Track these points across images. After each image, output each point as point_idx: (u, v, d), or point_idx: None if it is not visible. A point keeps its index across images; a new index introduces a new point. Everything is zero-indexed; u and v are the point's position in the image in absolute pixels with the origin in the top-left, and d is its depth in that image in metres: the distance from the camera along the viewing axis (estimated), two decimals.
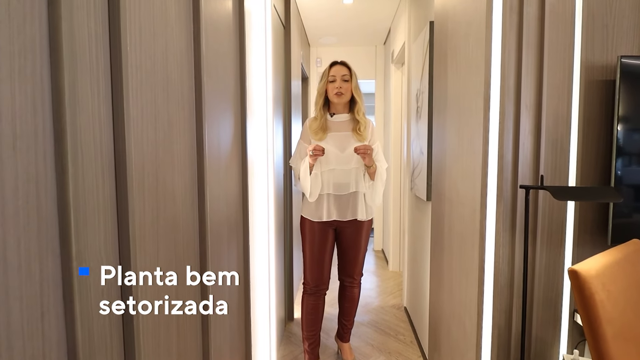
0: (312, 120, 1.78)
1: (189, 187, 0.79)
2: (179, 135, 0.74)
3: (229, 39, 1.08)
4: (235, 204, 1.14)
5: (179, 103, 0.74)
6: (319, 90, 1.77)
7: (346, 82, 1.72)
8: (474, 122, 1.11)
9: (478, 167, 1.07)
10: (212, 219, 0.91)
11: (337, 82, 1.71)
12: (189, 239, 0.79)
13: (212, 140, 0.91)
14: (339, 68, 1.74)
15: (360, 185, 1.74)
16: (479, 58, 1.07)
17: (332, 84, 1.73)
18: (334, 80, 1.72)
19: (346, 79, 1.72)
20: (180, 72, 0.75)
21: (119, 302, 0.54)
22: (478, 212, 1.06)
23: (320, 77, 1.80)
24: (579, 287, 0.93)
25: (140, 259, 0.58)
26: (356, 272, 1.87)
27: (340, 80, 1.71)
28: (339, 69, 1.73)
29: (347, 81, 1.73)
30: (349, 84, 1.73)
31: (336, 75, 1.72)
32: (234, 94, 1.14)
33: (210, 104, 0.90)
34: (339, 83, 1.71)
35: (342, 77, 1.72)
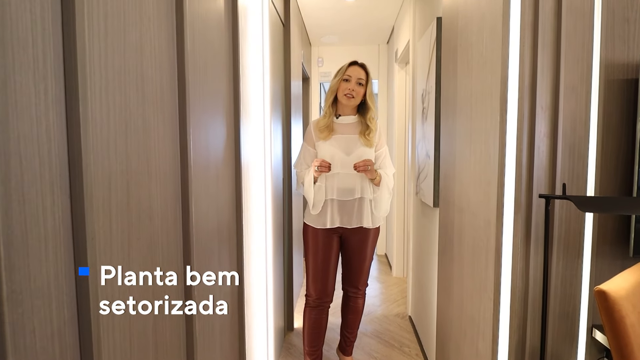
0: (319, 119, 1.70)
1: (170, 201, 0.70)
2: (158, 142, 0.65)
3: (220, 36, 0.99)
4: (227, 213, 1.05)
5: (157, 106, 0.65)
6: (332, 87, 1.66)
7: (360, 86, 1.62)
8: (488, 125, 1.02)
9: (493, 175, 0.98)
10: (198, 233, 0.82)
11: (351, 83, 1.61)
12: (170, 259, 0.70)
13: (200, 145, 0.83)
14: (356, 70, 1.63)
15: (366, 191, 1.64)
16: (494, 55, 0.97)
17: (345, 84, 1.62)
18: (348, 80, 1.62)
19: (361, 83, 1.63)
20: (160, 71, 0.66)
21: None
22: (493, 225, 0.97)
23: (335, 73, 1.68)
24: (608, 310, 0.84)
25: (103, 292, 0.49)
26: (361, 282, 1.77)
27: (355, 83, 1.61)
28: (357, 71, 1.63)
29: (361, 85, 1.63)
30: (363, 88, 1.63)
31: (352, 76, 1.62)
32: (227, 94, 1.05)
33: (197, 105, 0.82)
34: (353, 85, 1.61)
35: (357, 80, 1.62)
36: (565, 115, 1.14)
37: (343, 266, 1.80)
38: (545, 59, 1.13)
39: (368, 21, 2.98)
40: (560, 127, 1.13)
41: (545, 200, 0.97)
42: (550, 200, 0.97)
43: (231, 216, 1.09)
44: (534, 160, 1.11)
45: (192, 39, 0.78)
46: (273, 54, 1.72)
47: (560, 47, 1.12)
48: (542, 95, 1.13)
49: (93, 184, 0.47)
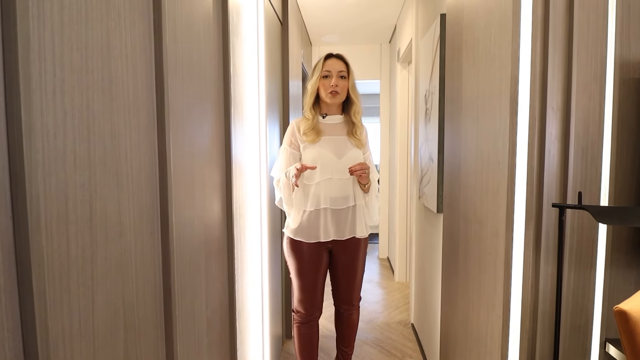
0: (300, 120, 1.52)
1: (146, 214, 0.63)
2: (130, 149, 0.59)
3: (208, 34, 0.93)
4: (217, 222, 0.99)
5: (129, 109, 0.59)
6: (311, 88, 1.49)
7: (343, 80, 1.47)
8: (497, 126, 0.94)
9: (502, 181, 0.91)
10: (182, 247, 0.75)
11: (332, 78, 1.45)
12: (146, 277, 0.63)
13: (182, 152, 0.76)
14: (334, 62, 1.47)
15: (359, 197, 1.50)
16: (503, 50, 0.90)
17: (325, 81, 1.46)
18: (329, 76, 1.46)
19: (343, 76, 1.47)
20: (133, 71, 0.60)
21: None
22: (502, 236, 0.90)
23: (311, 72, 1.52)
24: (629, 331, 0.76)
25: (54, 329, 0.42)
26: (354, 298, 1.63)
27: (337, 77, 1.45)
28: (335, 64, 1.47)
29: (343, 78, 1.47)
30: (346, 81, 1.47)
31: (331, 71, 1.46)
32: (216, 96, 0.99)
33: (180, 109, 0.75)
34: (335, 80, 1.45)
35: (338, 73, 1.46)
36: (578, 116, 1.07)
37: (333, 283, 1.64)
38: (556, 56, 1.05)
39: (369, 20, 2.91)
40: (572, 128, 1.06)
41: (559, 210, 0.90)
42: (564, 209, 0.89)
43: (221, 225, 1.02)
44: (544, 165, 1.04)
45: (173, 38, 0.72)
46: (269, 54, 1.65)
47: (572, 43, 1.05)
48: (552, 95, 1.05)
49: (43, 200, 0.41)
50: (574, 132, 1.05)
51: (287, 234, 1.53)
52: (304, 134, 1.48)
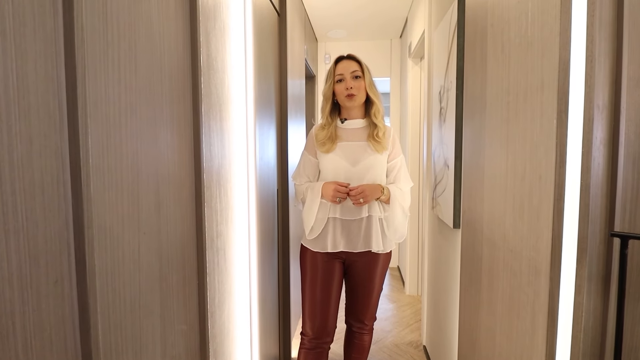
0: (318, 129, 1.44)
1: (46, 256, 0.45)
2: (14, 166, 0.40)
3: (167, 10, 0.74)
4: (179, 249, 0.80)
5: (24, 120, 0.40)
6: (325, 94, 1.43)
7: (357, 80, 1.38)
8: (537, 130, 0.73)
9: (545, 203, 0.69)
10: (115, 293, 0.57)
11: (346, 81, 1.37)
12: (44, 350, 0.44)
13: (118, 164, 0.57)
14: (346, 64, 1.39)
15: (374, 209, 1.36)
16: (547, 32, 0.69)
17: (340, 85, 1.39)
18: (342, 80, 1.38)
19: (357, 75, 1.38)
20: (23, 73, 0.41)
21: None
22: (545, 275, 0.68)
23: (325, 78, 1.45)
24: None
25: None
26: (368, 317, 1.49)
27: (351, 79, 1.37)
28: (347, 65, 1.38)
29: (358, 77, 1.38)
30: (362, 81, 1.38)
31: (344, 74, 1.38)
32: (181, 93, 0.80)
33: (113, 106, 0.57)
34: (350, 82, 1.37)
35: (352, 74, 1.37)
36: (629, 116, 0.84)
37: (347, 297, 1.52)
38: (602, 44, 0.83)
39: (378, 11, 2.69)
40: (622, 131, 0.83)
41: (621, 241, 0.68)
42: (628, 240, 0.67)
43: (188, 250, 0.84)
44: (590, 176, 0.82)
45: (93, 29, 0.53)
46: (260, 47, 1.46)
47: (623, 27, 0.82)
48: (599, 91, 0.83)
49: None
50: (624, 135, 0.82)
51: (302, 241, 1.50)
52: (319, 143, 1.41)
